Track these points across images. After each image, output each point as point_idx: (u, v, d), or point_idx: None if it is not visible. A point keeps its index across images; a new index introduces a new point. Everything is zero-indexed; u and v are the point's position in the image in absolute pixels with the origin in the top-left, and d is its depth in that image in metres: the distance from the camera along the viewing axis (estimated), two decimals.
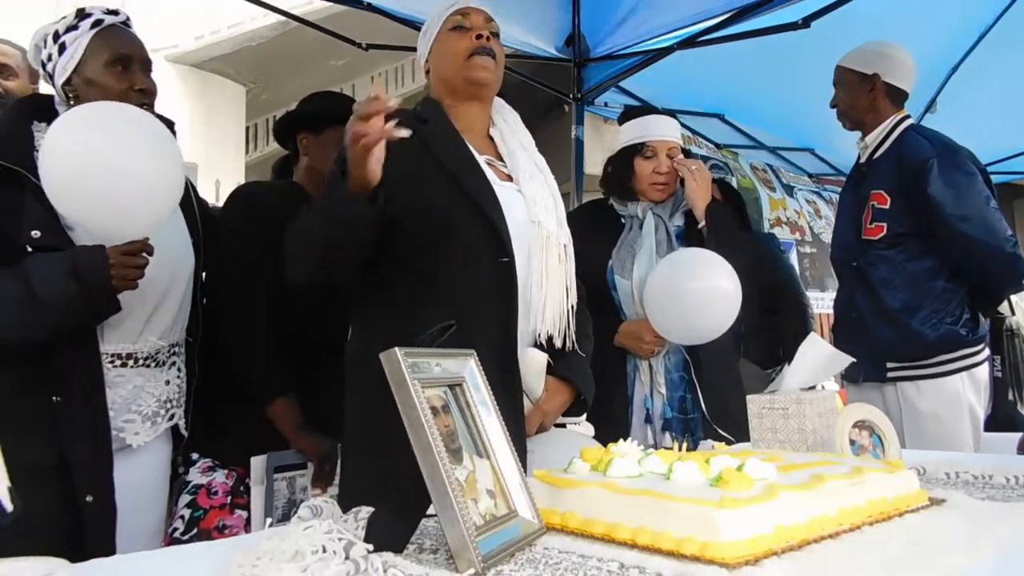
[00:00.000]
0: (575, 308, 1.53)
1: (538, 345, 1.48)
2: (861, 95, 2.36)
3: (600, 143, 5.09)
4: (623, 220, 2.16)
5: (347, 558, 0.77)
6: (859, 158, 2.45)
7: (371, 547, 0.79)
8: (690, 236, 2.10)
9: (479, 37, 1.51)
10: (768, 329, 2.73)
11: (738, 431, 1.65)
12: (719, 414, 1.94)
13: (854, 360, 1.42)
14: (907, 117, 2.36)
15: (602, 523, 0.82)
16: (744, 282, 1.89)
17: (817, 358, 1.33)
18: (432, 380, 0.85)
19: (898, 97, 2.37)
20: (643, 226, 2.11)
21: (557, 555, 0.80)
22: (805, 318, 3.02)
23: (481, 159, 1.49)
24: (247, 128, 6.67)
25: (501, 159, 1.54)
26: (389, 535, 0.83)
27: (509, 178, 1.52)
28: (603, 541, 0.81)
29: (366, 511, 0.93)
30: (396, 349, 0.79)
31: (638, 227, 2.12)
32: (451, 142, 1.47)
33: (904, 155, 2.26)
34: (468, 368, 0.92)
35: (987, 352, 2.24)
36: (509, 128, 1.59)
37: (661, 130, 2.16)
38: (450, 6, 1.57)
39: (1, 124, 1.56)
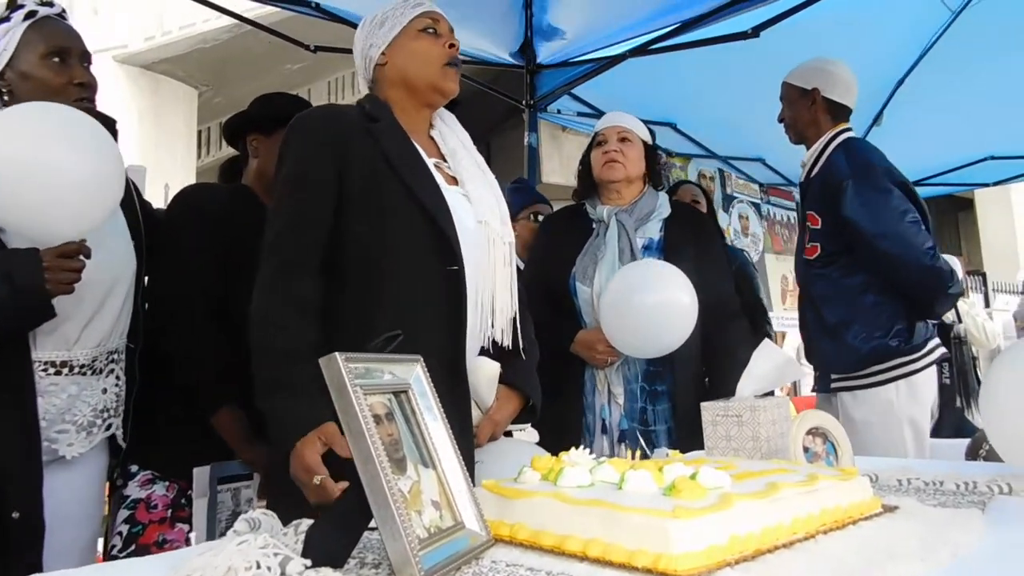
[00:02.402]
0: (518, 311, 1.51)
1: (486, 351, 1.45)
2: (803, 110, 2.41)
3: (558, 151, 5.11)
4: (594, 226, 2.14)
5: (283, 574, 0.72)
6: (802, 175, 2.51)
7: (309, 562, 0.75)
8: (670, 246, 2.06)
9: (451, 46, 1.50)
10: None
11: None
12: (686, 426, 1.92)
13: (805, 369, 1.44)
14: (844, 131, 2.39)
15: (552, 535, 0.79)
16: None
17: (772, 365, 1.32)
18: (375, 387, 0.81)
19: (839, 112, 2.41)
20: (607, 232, 2.09)
21: (504, 568, 0.76)
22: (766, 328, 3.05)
23: (430, 163, 1.46)
24: (199, 132, 6.51)
25: (444, 160, 1.52)
26: (329, 549, 0.78)
27: (454, 180, 1.49)
28: (553, 553, 0.77)
29: (306, 524, 0.88)
30: (336, 354, 0.75)
31: (603, 233, 2.11)
32: (402, 147, 1.43)
33: (826, 177, 2.33)
34: (414, 374, 0.89)
35: (930, 358, 2.29)
36: (448, 128, 1.56)
37: (611, 119, 2.18)
38: (416, 5, 1.52)
39: None
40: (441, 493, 0.83)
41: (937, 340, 2.35)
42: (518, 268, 1.59)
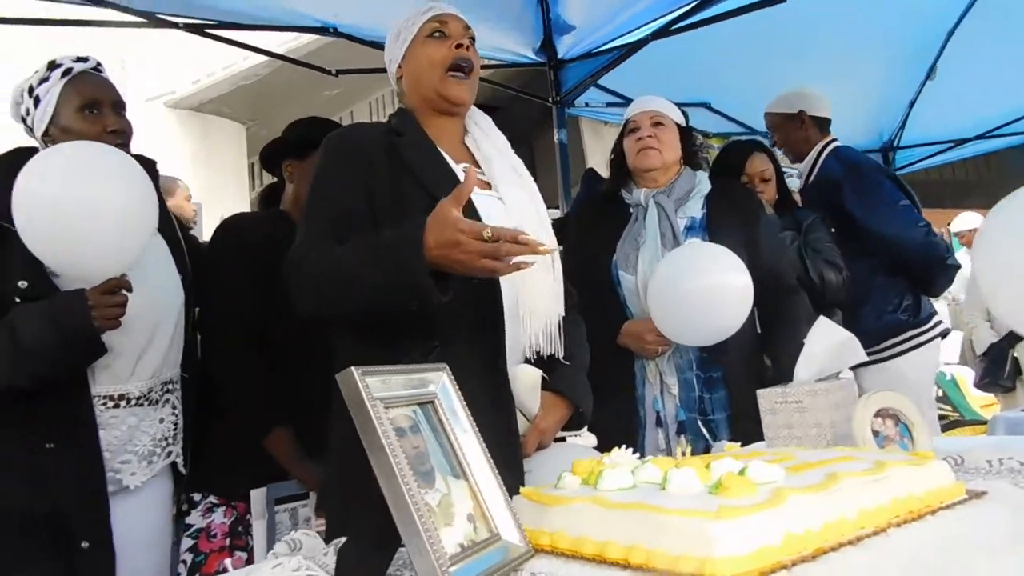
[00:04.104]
0: (563, 316, 1.46)
1: (529, 359, 1.40)
2: (794, 131, 2.75)
3: (600, 145, 5.03)
4: (631, 211, 2.07)
5: None
6: (800, 182, 2.84)
7: None
8: (714, 223, 1.98)
9: (459, 46, 1.46)
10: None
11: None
12: (744, 414, 1.82)
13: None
14: (831, 140, 2.72)
15: (593, 542, 0.74)
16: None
17: (830, 344, 1.24)
18: (398, 399, 0.78)
19: (824, 125, 2.76)
20: (646, 216, 2.01)
21: None
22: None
23: (459, 168, 1.43)
24: (249, 165, 6.71)
25: (479, 166, 1.48)
26: (362, 568, 0.76)
27: (488, 185, 1.46)
28: (594, 562, 0.73)
29: (343, 543, 0.86)
30: (353, 369, 0.73)
31: (642, 217, 2.02)
32: (427, 155, 1.41)
33: (823, 179, 2.67)
34: (441, 384, 0.85)
35: (936, 331, 2.61)
36: (483, 133, 1.53)
37: (642, 104, 2.10)
38: (426, 11, 1.51)
39: None
40: (475, 504, 0.79)
41: (939, 316, 2.69)
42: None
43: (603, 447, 1.52)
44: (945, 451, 1.11)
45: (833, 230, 2.50)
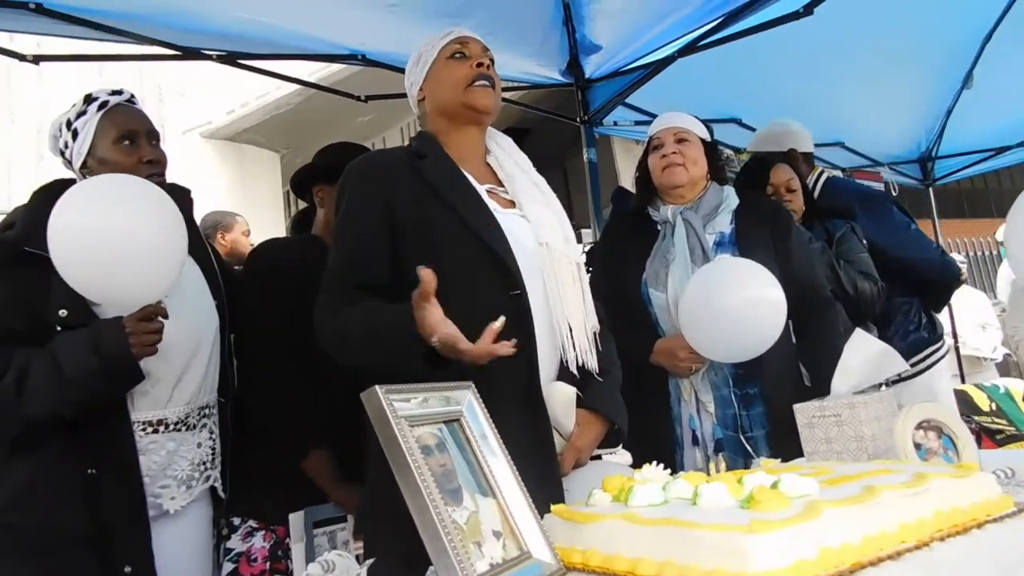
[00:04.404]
0: (597, 331, 1.45)
1: (563, 375, 1.39)
2: None
3: (633, 164, 5.01)
4: (659, 228, 2.05)
5: None
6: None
7: None
8: (744, 238, 1.95)
9: (479, 65, 1.49)
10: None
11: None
12: (783, 429, 1.78)
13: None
14: (822, 173, 2.89)
15: (625, 559, 0.73)
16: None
17: (867, 356, 1.21)
18: (423, 417, 0.78)
19: (810, 159, 2.92)
20: (675, 233, 1.99)
21: None
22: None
23: (482, 189, 1.45)
24: (284, 193, 6.84)
25: (502, 185, 1.49)
26: None
27: (512, 204, 1.47)
28: None
29: (373, 562, 0.86)
30: (377, 388, 0.73)
31: (671, 234, 2.00)
32: (450, 175, 1.43)
33: (826, 208, 2.70)
34: (467, 401, 0.85)
35: (946, 347, 2.82)
36: (504, 152, 1.55)
37: (665, 120, 2.09)
38: (445, 35, 1.55)
39: (28, 211, 1.61)
40: (504, 522, 0.79)
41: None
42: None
43: (639, 467, 1.50)
44: (993, 464, 1.07)
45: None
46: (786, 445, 1.54)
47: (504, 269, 1.35)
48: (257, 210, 6.28)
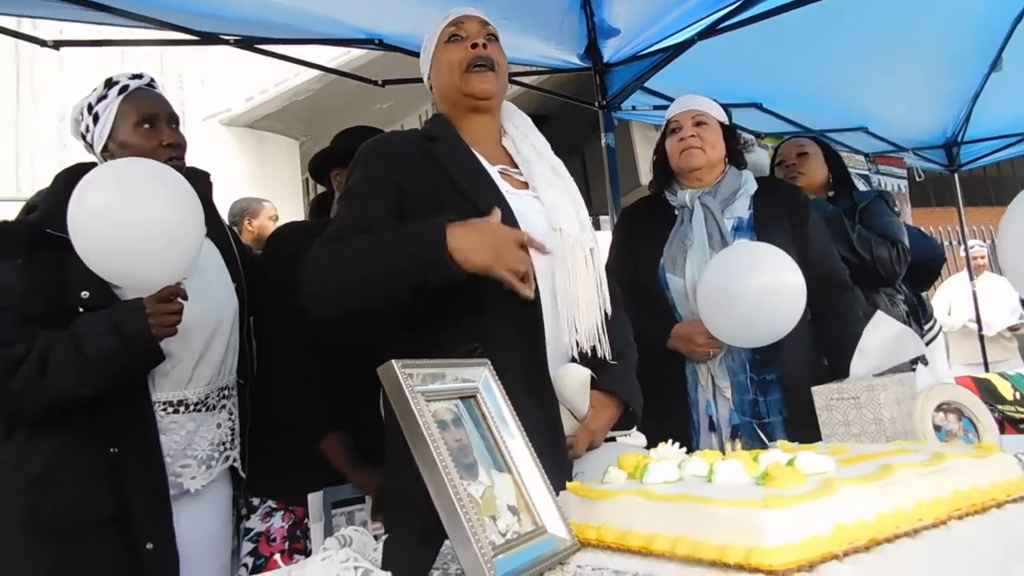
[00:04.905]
0: (609, 315, 1.44)
1: (575, 359, 1.39)
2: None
3: (652, 150, 4.97)
4: (676, 212, 2.04)
5: None
6: None
7: (389, 574, 0.73)
8: (762, 223, 1.94)
9: (475, 46, 1.45)
10: None
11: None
12: (801, 415, 1.77)
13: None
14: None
15: (639, 535, 0.73)
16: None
17: (886, 338, 1.19)
18: (439, 392, 0.79)
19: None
20: (692, 218, 1.98)
21: (590, 572, 0.72)
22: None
23: (494, 169, 1.43)
24: (303, 180, 6.88)
25: (516, 167, 1.48)
26: (409, 561, 0.77)
27: (525, 185, 1.45)
28: (641, 554, 0.72)
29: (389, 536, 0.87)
30: (393, 362, 0.74)
31: (688, 219, 1.99)
32: (460, 156, 1.42)
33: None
34: (482, 378, 0.86)
35: (937, 327, 2.98)
36: (521, 134, 1.53)
37: (683, 103, 2.07)
38: (444, 18, 1.52)
39: (50, 194, 1.63)
40: (519, 497, 0.79)
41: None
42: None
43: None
44: (1016, 448, 1.06)
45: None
46: (804, 431, 1.53)
47: None
48: (277, 198, 6.31)
